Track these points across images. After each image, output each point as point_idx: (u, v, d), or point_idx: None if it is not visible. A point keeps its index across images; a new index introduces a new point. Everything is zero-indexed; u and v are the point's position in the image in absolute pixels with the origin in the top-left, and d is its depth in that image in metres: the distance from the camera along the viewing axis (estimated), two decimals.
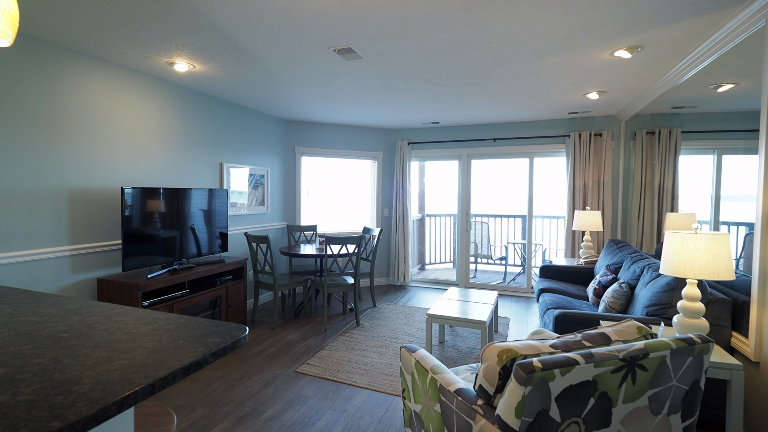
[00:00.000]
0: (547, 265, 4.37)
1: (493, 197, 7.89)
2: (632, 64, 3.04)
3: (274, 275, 4.00)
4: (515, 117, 5.08)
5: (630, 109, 4.36)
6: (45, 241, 2.68)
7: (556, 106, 4.48)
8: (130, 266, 2.93)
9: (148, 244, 3.06)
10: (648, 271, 2.89)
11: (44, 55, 2.64)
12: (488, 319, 3.25)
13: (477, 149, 5.63)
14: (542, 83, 3.56)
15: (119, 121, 3.15)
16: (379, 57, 2.89)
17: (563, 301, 3.47)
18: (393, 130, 6.02)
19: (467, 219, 5.78)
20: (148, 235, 3.07)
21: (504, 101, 4.23)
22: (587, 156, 4.97)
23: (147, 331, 1.16)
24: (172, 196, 3.27)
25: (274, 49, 2.74)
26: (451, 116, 5.04)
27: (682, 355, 1.38)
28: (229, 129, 4.33)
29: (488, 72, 3.24)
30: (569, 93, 3.90)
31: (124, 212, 2.87)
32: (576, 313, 2.64)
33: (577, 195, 5.03)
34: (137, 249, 2.98)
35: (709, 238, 1.93)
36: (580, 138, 5.01)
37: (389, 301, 5.19)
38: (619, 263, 3.63)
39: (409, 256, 5.94)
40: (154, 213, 3.11)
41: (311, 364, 3.25)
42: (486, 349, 1.45)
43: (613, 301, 2.99)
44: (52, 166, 2.70)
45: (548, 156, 5.39)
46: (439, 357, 3.41)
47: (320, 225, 5.69)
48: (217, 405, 2.62)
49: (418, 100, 4.19)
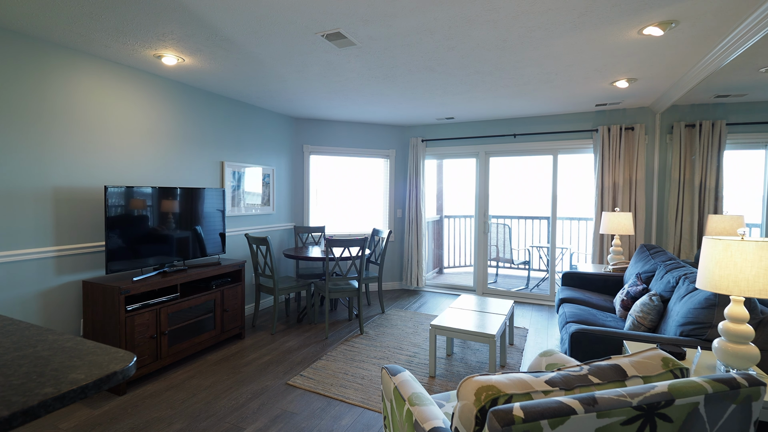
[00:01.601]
0: (570, 272, 3.97)
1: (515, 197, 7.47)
2: (665, 43, 2.64)
3: (274, 278, 3.82)
4: (536, 110, 4.69)
5: (666, 98, 3.90)
6: (26, 241, 2.59)
7: (581, 97, 4.07)
8: (116, 269, 2.81)
9: (135, 245, 2.94)
10: (684, 283, 2.49)
11: (25, 49, 2.54)
12: (499, 331, 2.93)
13: (495, 146, 5.26)
14: (562, 70, 3.20)
15: (110, 118, 3.04)
16: (374, 43, 2.63)
17: (585, 313, 3.10)
18: (406, 126, 5.74)
19: (485, 221, 5.42)
20: (136, 235, 2.94)
21: (521, 93, 3.87)
22: (617, 152, 4.52)
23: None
24: (162, 196, 3.14)
25: (258, 36, 2.54)
26: (466, 111, 4.71)
27: (721, 401, 1.05)
28: (230, 127, 4.19)
29: (499, 58, 2.92)
30: (594, 81, 3.50)
31: (108, 212, 2.74)
32: (595, 331, 2.29)
33: (606, 195, 4.58)
34: (123, 250, 2.85)
35: (759, 246, 1.56)
36: (609, 132, 4.57)
37: (400, 307, 4.92)
38: (651, 272, 3.21)
39: (423, 259, 5.64)
40: (142, 213, 2.98)
41: (304, 375, 3.03)
42: (462, 385, 1.17)
43: (642, 317, 2.60)
44: (33, 163, 2.61)
45: (574, 153, 4.96)
46: (445, 373, 3.12)
47: (329, 226, 5.49)
48: (196, 419, 2.44)
49: (427, 93, 3.90)
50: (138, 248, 2.96)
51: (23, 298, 2.59)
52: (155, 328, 2.91)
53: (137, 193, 2.94)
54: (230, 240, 4.22)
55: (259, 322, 4.24)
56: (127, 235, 2.88)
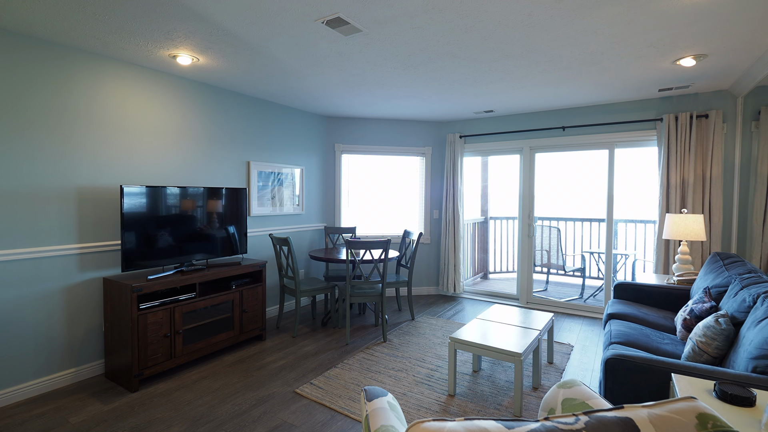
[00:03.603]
0: (623, 282, 3.44)
1: (566, 198, 6.83)
2: (740, 5, 2.13)
3: (296, 279, 3.73)
4: (587, 99, 4.17)
5: (748, 78, 3.24)
6: (51, 238, 2.70)
7: (639, 81, 3.52)
8: (132, 266, 2.86)
9: (151, 244, 2.97)
10: (764, 303, 1.97)
11: (49, 55, 2.66)
12: (528, 349, 2.57)
13: (541, 140, 4.78)
14: (607, 49, 2.75)
15: (133, 119, 3.12)
16: (380, 27, 2.41)
17: (636, 333, 2.62)
18: (443, 122, 5.42)
19: (529, 223, 4.95)
20: (152, 234, 2.98)
21: (564, 78, 3.42)
22: (687, 144, 3.87)
23: None
24: (180, 195, 3.16)
25: (259, 28, 2.43)
26: (506, 102, 4.31)
27: None
28: (257, 126, 4.18)
29: (527, 37, 2.56)
30: (651, 60, 2.98)
31: (123, 211, 2.79)
32: (636, 358, 1.87)
33: (673, 194, 3.94)
34: (139, 249, 2.90)
35: None
36: (676, 121, 3.93)
37: (432, 314, 4.63)
38: (724, 286, 2.64)
39: (460, 263, 5.28)
40: (158, 212, 3.01)
41: (314, 384, 2.88)
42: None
43: (705, 342, 2.11)
44: (58, 164, 2.72)
45: (634, 146, 4.35)
46: (467, 392, 2.81)
47: (360, 227, 5.33)
48: (195, 423, 2.38)
49: (456, 83, 3.59)
50: (154, 247, 3.00)
51: (48, 293, 2.71)
52: (169, 326, 2.92)
53: (154, 192, 2.98)
54: (257, 240, 4.21)
55: (284, 324, 4.18)
56: (143, 234, 2.92)
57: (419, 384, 2.91)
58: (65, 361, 2.81)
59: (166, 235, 3.07)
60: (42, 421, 2.38)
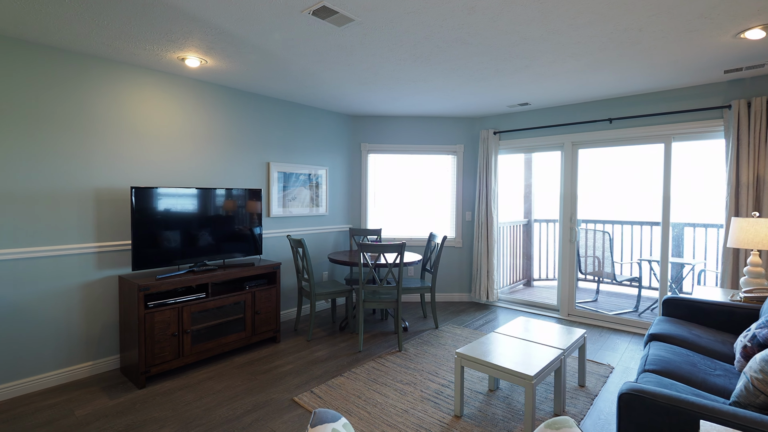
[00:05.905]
0: (675, 297, 2.94)
1: (616, 198, 6.15)
2: None
3: (311, 282, 3.66)
4: (636, 86, 3.66)
5: None
6: (70, 237, 2.85)
7: (698, 62, 3.00)
8: (144, 265, 2.93)
9: (162, 244, 3.04)
10: None
11: (68, 63, 2.80)
12: (544, 371, 2.25)
13: (585, 135, 4.30)
14: (645, 24, 2.33)
15: (148, 122, 3.22)
16: (373, 14, 2.23)
17: (680, 360, 2.20)
18: (475, 118, 5.09)
19: (571, 226, 4.47)
20: (164, 235, 3.04)
21: (601, 63, 3.00)
22: (762, 134, 3.24)
23: None
24: (192, 196, 3.20)
25: (250, 25, 2.36)
26: (541, 93, 3.92)
27: None
28: (277, 127, 4.17)
29: (543, 15, 2.23)
30: (707, 35, 2.50)
31: (134, 211, 2.87)
32: (659, 396, 1.52)
33: (744, 194, 3.32)
34: (150, 249, 2.97)
35: None
36: (749, 108, 3.31)
37: (459, 323, 4.34)
38: None
39: (494, 269, 4.92)
40: (170, 213, 3.07)
41: (315, 392, 2.77)
42: None
43: (762, 380, 1.68)
44: (77, 167, 2.86)
45: (695, 138, 3.75)
46: (477, 413, 2.53)
47: (387, 229, 5.15)
48: (187, 426, 2.36)
49: (477, 74, 3.30)
50: (166, 247, 3.06)
51: (67, 289, 2.85)
52: (177, 326, 2.96)
53: (166, 194, 3.04)
54: (276, 241, 4.20)
55: (301, 327, 4.13)
56: (154, 234, 2.99)
57: (425, 401, 2.68)
58: (83, 355, 2.95)
59: (178, 235, 3.12)
60: (51, 412, 2.49)
